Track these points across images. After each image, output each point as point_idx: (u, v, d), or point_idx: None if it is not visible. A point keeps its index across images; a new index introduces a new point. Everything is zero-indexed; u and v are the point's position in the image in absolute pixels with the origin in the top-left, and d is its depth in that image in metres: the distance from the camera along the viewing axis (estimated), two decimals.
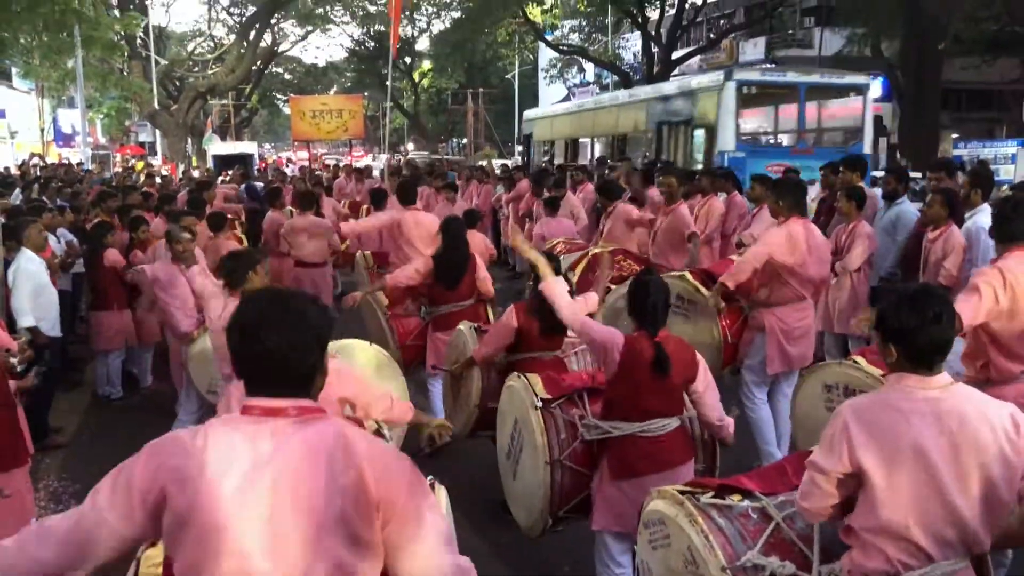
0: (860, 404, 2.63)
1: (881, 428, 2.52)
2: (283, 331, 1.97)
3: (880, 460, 2.50)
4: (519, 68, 48.57)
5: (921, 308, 2.56)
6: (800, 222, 5.66)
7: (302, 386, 2.02)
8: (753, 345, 5.82)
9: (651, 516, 3.17)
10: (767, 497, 3.01)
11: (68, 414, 7.62)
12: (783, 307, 5.68)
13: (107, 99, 33.38)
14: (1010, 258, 4.14)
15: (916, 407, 2.53)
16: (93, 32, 17.63)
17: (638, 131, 16.50)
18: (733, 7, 37.46)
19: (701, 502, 3.00)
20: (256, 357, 1.98)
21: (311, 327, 2.02)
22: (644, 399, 3.81)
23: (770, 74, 16.24)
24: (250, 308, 2.04)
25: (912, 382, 2.57)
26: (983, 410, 2.55)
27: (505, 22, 32.43)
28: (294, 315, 2.01)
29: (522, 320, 4.93)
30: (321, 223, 9.19)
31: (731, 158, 12.76)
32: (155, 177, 18.79)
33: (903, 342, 2.58)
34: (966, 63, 28.43)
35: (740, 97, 13.41)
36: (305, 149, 35.21)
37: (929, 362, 2.57)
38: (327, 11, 40.99)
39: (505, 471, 4.64)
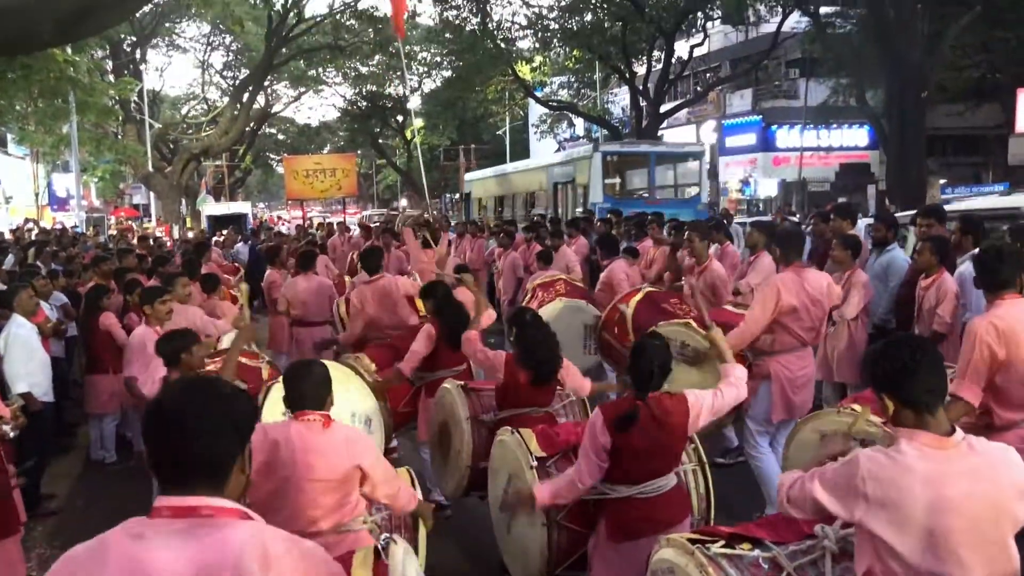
0: (878, 461, 2.55)
1: (899, 489, 2.48)
2: (202, 422, 1.87)
3: (892, 523, 2.47)
4: (510, 124, 49.12)
5: (898, 353, 2.58)
6: (798, 268, 5.71)
7: (217, 482, 1.89)
8: (757, 393, 5.76)
9: (660, 564, 3.11)
10: (778, 546, 2.97)
11: (61, 479, 7.53)
12: (786, 354, 5.69)
13: (101, 162, 33.64)
14: (1002, 306, 4.15)
15: (931, 467, 2.49)
16: (88, 98, 17.80)
17: (542, 190, 20.89)
18: (719, 60, 38.09)
19: (711, 551, 2.95)
20: (171, 445, 1.87)
21: (231, 421, 1.92)
22: (642, 461, 3.75)
23: (628, 146, 20.99)
24: (167, 396, 1.95)
25: (925, 440, 2.53)
26: (999, 467, 2.53)
27: (495, 80, 32.87)
28: (216, 406, 1.91)
29: (511, 371, 4.83)
30: (323, 283, 9.15)
31: (600, 207, 16.28)
32: (149, 239, 18.85)
33: (892, 389, 2.59)
34: (950, 110, 28.90)
35: (605, 164, 17.68)
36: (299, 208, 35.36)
37: (926, 405, 2.55)
38: (319, 73, 41.52)
39: (499, 525, 4.57)
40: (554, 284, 8.63)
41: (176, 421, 1.86)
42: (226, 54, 44.05)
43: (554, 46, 30.13)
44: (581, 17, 27.55)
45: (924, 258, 6.36)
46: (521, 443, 4.25)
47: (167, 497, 1.86)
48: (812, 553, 2.93)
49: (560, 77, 36.99)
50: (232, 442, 1.91)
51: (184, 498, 1.84)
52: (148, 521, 1.85)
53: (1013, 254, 4.36)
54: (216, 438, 1.88)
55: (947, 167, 32.72)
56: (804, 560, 2.91)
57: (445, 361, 6.06)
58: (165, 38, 40.80)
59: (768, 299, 5.55)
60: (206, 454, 1.87)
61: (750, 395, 5.76)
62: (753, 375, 5.80)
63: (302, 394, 3.50)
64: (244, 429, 1.96)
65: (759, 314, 5.55)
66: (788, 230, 6.59)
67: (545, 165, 21.33)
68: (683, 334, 5.98)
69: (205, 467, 1.87)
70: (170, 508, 1.84)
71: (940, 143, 31.19)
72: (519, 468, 4.19)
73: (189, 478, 1.86)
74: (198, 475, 1.86)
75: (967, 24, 21.73)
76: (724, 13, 27.58)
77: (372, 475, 3.45)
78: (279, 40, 31.34)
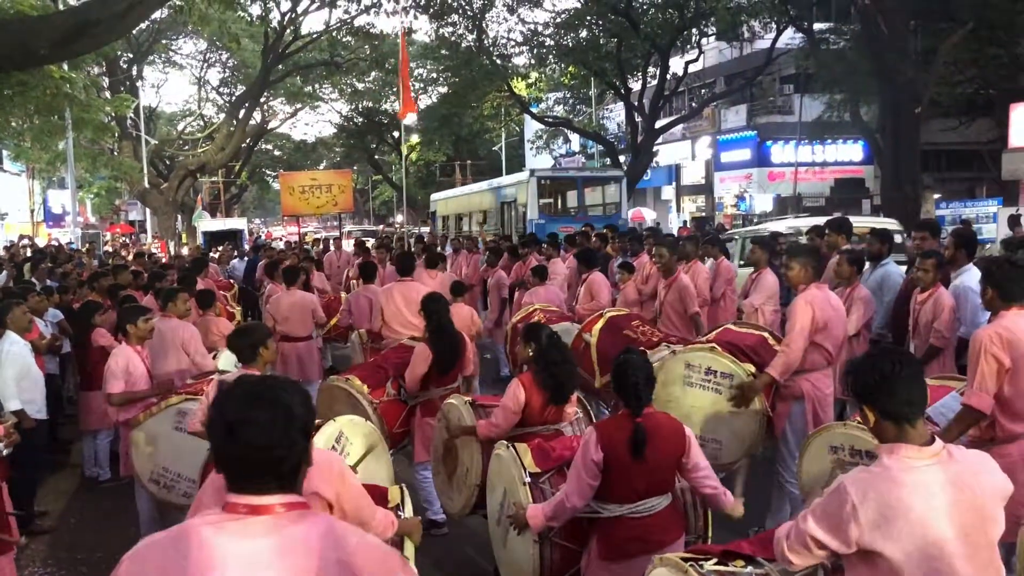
0: (863, 481, 2.54)
1: (889, 505, 2.48)
2: (268, 428, 1.89)
3: (892, 538, 2.47)
4: (506, 140, 49.24)
5: (878, 365, 2.60)
6: (820, 287, 5.71)
7: (289, 481, 1.93)
8: (792, 415, 5.69)
9: None
10: (770, 563, 2.96)
11: (55, 496, 7.50)
12: (815, 373, 5.67)
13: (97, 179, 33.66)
14: (1007, 317, 4.22)
15: (917, 479, 2.50)
16: (84, 114, 17.82)
17: (491, 208, 23.85)
18: (714, 76, 38.26)
19: (705, 570, 2.95)
20: (241, 455, 1.89)
21: (296, 420, 1.94)
22: (633, 481, 3.73)
23: (558, 172, 26.43)
24: (231, 403, 1.94)
25: (907, 452, 2.55)
26: (980, 474, 2.57)
27: (491, 96, 32.97)
28: (279, 409, 1.93)
29: (528, 391, 4.76)
30: (306, 297, 9.17)
31: (536, 223, 19.40)
32: (145, 256, 18.83)
33: (871, 401, 2.60)
34: (944, 125, 29.04)
35: (540, 186, 20.86)
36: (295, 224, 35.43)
37: (906, 416, 2.56)
38: (315, 89, 41.63)
39: (495, 537, 4.55)
40: (530, 317, 8.48)
41: (246, 433, 1.88)
42: (222, 71, 44.21)
43: (550, 62, 30.24)
44: (576, 34, 27.66)
45: (930, 275, 6.34)
46: (516, 459, 4.23)
47: (241, 495, 1.89)
48: (806, 569, 2.91)
49: (556, 93, 37.12)
50: (300, 445, 1.95)
51: (258, 496, 1.88)
52: (226, 516, 1.88)
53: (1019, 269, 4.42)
54: (287, 446, 1.91)
55: (941, 182, 32.84)
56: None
57: (437, 380, 6.04)
58: (161, 55, 40.91)
59: (803, 318, 5.49)
60: (278, 460, 1.90)
61: (783, 419, 5.71)
62: (783, 396, 5.73)
63: None
64: (309, 429, 2.01)
65: (799, 336, 5.49)
66: (808, 247, 6.52)
67: (494, 187, 24.33)
68: (709, 359, 5.78)
69: (278, 471, 1.91)
70: (246, 506, 1.88)
71: (934, 158, 31.31)
72: (513, 484, 4.18)
73: (263, 481, 1.90)
74: (271, 478, 1.90)
75: (959, 40, 21.87)
76: (719, 30, 27.70)
77: (337, 505, 3.05)
78: (275, 57, 31.46)
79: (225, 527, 1.85)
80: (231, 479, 1.93)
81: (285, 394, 1.97)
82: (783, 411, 5.72)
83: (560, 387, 4.79)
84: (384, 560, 1.98)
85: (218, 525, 1.86)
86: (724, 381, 5.68)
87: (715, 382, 5.72)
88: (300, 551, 1.84)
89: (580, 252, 10.41)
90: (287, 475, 1.93)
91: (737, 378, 5.63)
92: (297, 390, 2.03)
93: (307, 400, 2.03)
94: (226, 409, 1.93)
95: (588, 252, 10.37)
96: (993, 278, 4.42)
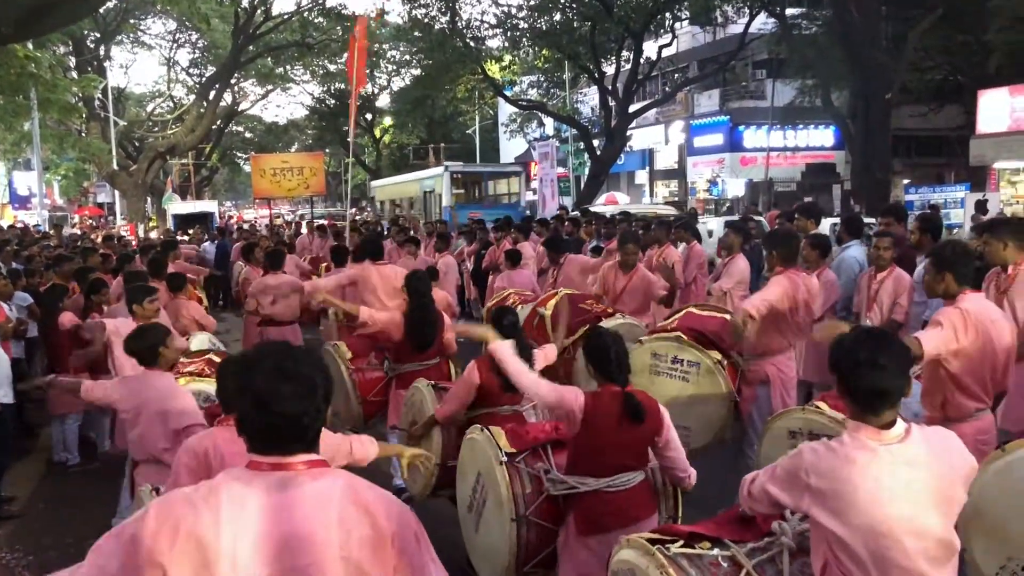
0: (819, 454, 2.63)
1: (838, 480, 2.55)
2: (296, 399, 2.00)
3: (835, 513, 2.54)
4: (480, 123, 49.06)
5: (856, 351, 2.60)
6: (796, 271, 5.76)
7: (310, 443, 2.06)
8: (758, 399, 5.77)
9: (620, 566, 3.14)
10: (736, 544, 3.00)
11: (23, 482, 7.41)
12: (779, 356, 5.75)
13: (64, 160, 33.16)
14: (967, 300, 4.25)
15: (870, 459, 2.55)
16: (50, 95, 17.52)
17: (416, 196, 28.40)
18: (687, 61, 38.32)
19: (671, 552, 2.98)
20: (270, 424, 2.00)
21: (319, 390, 2.06)
22: (610, 454, 3.79)
23: (468, 167, 29.44)
24: (260, 376, 2.03)
25: (866, 433, 2.59)
26: (940, 454, 2.60)
27: (464, 79, 32.82)
28: (305, 382, 2.04)
29: (484, 376, 4.86)
30: (292, 281, 9.11)
31: (449, 211, 22.15)
32: (114, 239, 18.61)
33: (843, 381, 2.63)
34: (914, 111, 29.34)
35: (452, 179, 25.04)
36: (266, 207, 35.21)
37: (872, 407, 2.58)
38: (287, 70, 41.20)
39: (467, 524, 4.58)
40: (505, 300, 8.51)
41: (273, 403, 1.99)
42: (192, 51, 43.63)
43: (523, 45, 30.15)
44: (550, 17, 27.59)
45: (888, 254, 6.44)
46: (491, 440, 4.26)
47: (265, 456, 2.01)
48: (770, 550, 2.97)
49: (529, 76, 36.98)
50: (320, 411, 2.07)
51: (282, 456, 2.01)
52: (251, 472, 2.00)
53: (970, 252, 4.47)
54: (309, 413, 2.03)
55: (911, 167, 33.19)
56: (763, 557, 2.95)
57: (415, 356, 6.15)
58: (130, 34, 40.21)
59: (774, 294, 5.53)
60: (302, 427, 2.02)
61: (749, 402, 5.78)
62: (749, 381, 5.81)
63: None
64: (329, 397, 2.11)
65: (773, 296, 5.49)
66: (784, 232, 6.56)
67: (419, 178, 29.04)
68: (675, 348, 5.87)
69: (302, 435, 2.04)
70: (270, 464, 2.00)
71: (904, 144, 31.61)
72: (489, 465, 4.20)
73: (287, 444, 2.02)
74: (295, 441, 2.03)
75: (929, 27, 22.08)
76: (692, 14, 27.76)
77: None
78: (246, 37, 31.06)
79: (254, 481, 1.97)
80: (256, 443, 2.04)
81: (309, 368, 2.08)
82: (749, 395, 5.82)
83: None
84: (400, 513, 2.09)
85: (246, 480, 1.98)
86: (691, 369, 5.79)
87: (682, 370, 5.84)
88: (323, 502, 1.96)
89: (548, 240, 10.40)
90: (309, 438, 2.06)
91: (703, 365, 5.74)
92: (316, 362, 2.13)
93: (326, 370, 2.14)
94: (255, 382, 2.03)
95: (556, 240, 10.36)
96: (948, 262, 4.38)
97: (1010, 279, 5.20)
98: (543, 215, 21.08)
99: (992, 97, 23.53)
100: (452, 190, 24.66)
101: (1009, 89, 23.02)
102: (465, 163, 32.57)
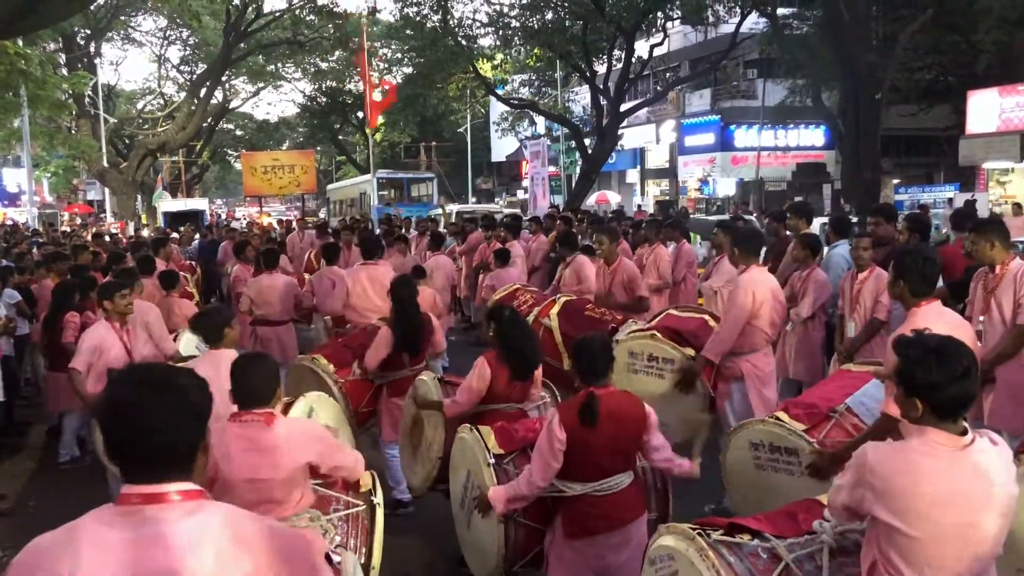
0: (883, 454, 2.60)
1: (900, 482, 2.53)
2: (161, 410, 1.85)
3: (895, 513, 2.52)
4: (471, 121, 49.05)
5: (950, 363, 2.53)
6: (758, 269, 5.81)
7: (183, 468, 1.89)
8: (734, 394, 5.82)
9: (659, 552, 3.14)
10: (776, 539, 3.00)
11: (12, 480, 7.40)
12: (755, 354, 5.80)
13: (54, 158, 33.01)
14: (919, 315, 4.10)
15: (936, 464, 2.52)
16: (40, 91, 17.44)
17: (356, 197, 34.79)
18: (678, 60, 38.38)
19: (712, 539, 2.99)
20: (132, 439, 1.85)
21: (191, 404, 1.91)
22: (596, 459, 3.77)
23: (392, 174, 35.86)
24: (124, 386, 1.92)
25: (935, 437, 2.55)
26: (1000, 466, 2.58)
27: (456, 78, 32.79)
28: (170, 392, 1.89)
29: (493, 368, 4.82)
30: (289, 281, 9.05)
31: (377, 209, 27.82)
32: (104, 236, 18.55)
33: (930, 397, 2.54)
34: (904, 111, 29.45)
35: (379, 183, 32.05)
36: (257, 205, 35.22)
37: (955, 416, 2.56)
38: (278, 68, 41.12)
39: (459, 520, 4.59)
40: (515, 294, 8.53)
41: (136, 417, 1.84)
42: (183, 48, 43.47)
43: (515, 44, 30.12)
44: (542, 15, 27.59)
45: (867, 254, 6.50)
46: (479, 440, 4.26)
47: (135, 485, 1.84)
48: (810, 547, 2.97)
49: (521, 75, 36.97)
50: (194, 430, 1.91)
51: (153, 486, 1.83)
52: (119, 509, 1.83)
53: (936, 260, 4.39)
54: (179, 430, 1.87)
55: (901, 167, 33.34)
56: (802, 553, 2.94)
57: (403, 363, 6.05)
58: (120, 31, 40.09)
59: (744, 301, 5.62)
60: (170, 446, 1.85)
61: (725, 398, 5.84)
62: (724, 377, 5.87)
63: (250, 389, 3.42)
64: (204, 414, 1.95)
65: (733, 320, 5.61)
66: (747, 231, 6.64)
67: (356, 183, 36.66)
68: (650, 347, 5.97)
69: (171, 457, 1.86)
70: (139, 495, 1.83)
71: (894, 143, 31.73)
72: (478, 466, 4.22)
73: (156, 468, 1.84)
74: (165, 465, 1.85)
75: (919, 27, 22.17)
76: (684, 13, 27.78)
77: (324, 464, 3.46)
78: (237, 35, 30.99)
79: (116, 522, 1.81)
80: (125, 469, 1.88)
81: (179, 379, 1.94)
82: (724, 391, 5.91)
83: (522, 362, 4.85)
84: (291, 548, 1.93)
85: (109, 520, 1.82)
86: (666, 366, 5.88)
87: (658, 368, 5.92)
88: (197, 540, 1.79)
89: (563, 236, 10.36)
90: (181, 461, 1.88)
91: (678, 362, 5.82)
92: (193, 377, 1.99)
93: (204, 387, 1.99)
94: (120, 391, 1.91)
95: (571, 236, 10.33)
96: (902, 269, 4.26)
97: (997, 279, 5.24)
98: (534, 213, 21.12)
99: (981, 97, 23.66)
100: (379, 192, 31.81)
101: (998, 89, 23.16)
102: (391, 171, 38.81)
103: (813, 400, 4.48)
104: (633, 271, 8.14)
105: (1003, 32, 22.19)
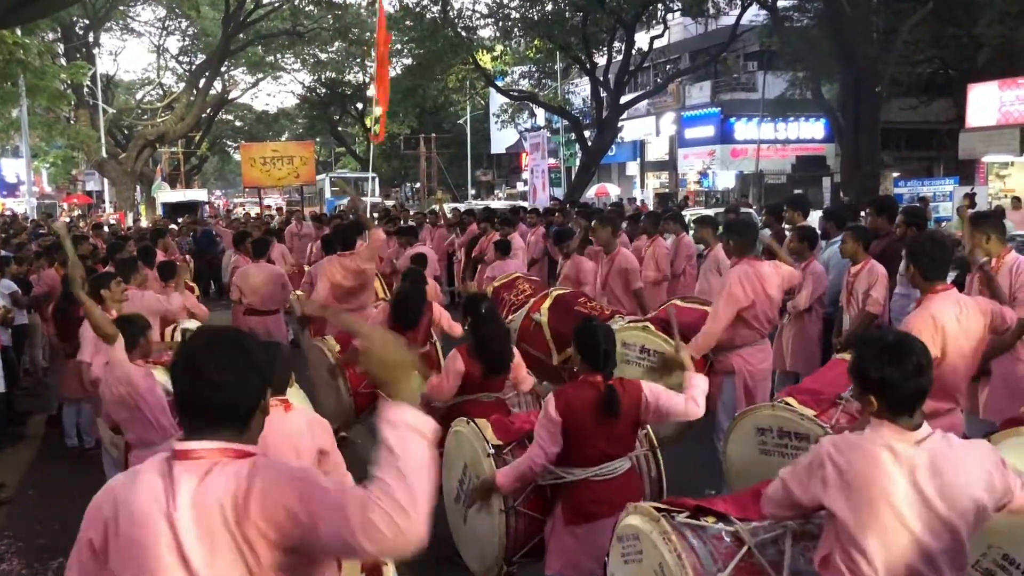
0: (840, 446, 2.63)
1: (855, 473, 2.55)
2: (227, 368, 1.95)
3: (849, 505, 2.55)
4: (471, 113, 48.94)
5: (902, 361, 2.58)
6: (751, 262, 5.80)
7: (241, 426, 1.98)
8: (724, 388, 5.81)
9: (626, 530, 3.18)
10: (741, 522, 3.02)
11: (12, 468, 7.43)
12: (747, 348, 5.76)
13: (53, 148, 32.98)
14: (935, 301, 4.21)
15: (891, 457, 2.55)
16: (38, 82, 17.44)
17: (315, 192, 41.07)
18: (679, 52, 38.31)
19: (676, 520, 3.01)
20: (198, 393, 1.95)
21: (255, 365, 2.00)
22: (595, 443, 3.81)
23: (345, 175, 44.71)
24: (196, 344, 2.03)
25: (890, 431, 2.59)
26: (960, 460, 2.58)
27: (455, 69, 32.73)
28: (239, 352, 1.99)
29: (466, 362, 4.87)
30: (275, 271, 9.09)
31: (329, 201, 36.04)
32: (103, 227, 18.53)
33: (883, 393, 2.60)
34: (904, 104, 29.42)
35: (330, 181, 40.61)
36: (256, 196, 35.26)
37: (910, 410, 2.60)
38: (277, 59, 41.03)
39: (454, 516, 4.61)
40: (515, 283, 8.54)
41: (203, 373, 1.94)
42: (182, 39, 43.32)
43: (515, 35, 30.07)
44: (542, 7, 27.52)
45: (847, 246, 6.51)
46: (478, 432, 4.28)
47: (192, 441, 1.95)
48: (773, 531, 2.99)
49: (521, 67, 36.89)
50: (257, 390, 2.01)
51: (207, 442, 1.93)
52: (173, 461, 1.94)
53: (946, 244, 4.45)
54: (243, 388, 1.97)
55: (900, 160, 33.29)
56: (765, 537, 2.97)
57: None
58: (119, 21, 39.91)
59: (731, 296, 5.59)
60: (232, 402, 1.96)
61: (715, 391, 5.80)
62: (716, 371, 5.82)
63: None
64: (267, 375, 2.07)
65: (723, 312, 5.56)
66: (741, 222, 6.61)
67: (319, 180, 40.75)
68: (642, 338, 5.96)
69: (230, 415, 1.97)
70: (194, 451, 1.93)
71: (894, 137, 31.71)
72: (476, 457, 4.23)
73: (214, 424, 1.95)
74: (223, 421, 1.96)
75: (920, 20, 22.13)
76: (684, 5, 27.73)
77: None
78: (236, 25, 30.92)
79: (173, 467, 1.92)
80: (188, 422, 1.99)
81: (249, 342, 2.05)
82: (715, 384, 5.85)
83: (492, 361, 4.89)
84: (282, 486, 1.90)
85: (163, 472, 1.93)
86: (656, 358, 5.86)
87: (649, 360, 5.91)
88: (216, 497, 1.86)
89: (558, 231, 10.34)
90: (242, 421, 1.99)
91: None
92: (260, 341, 2.12)
93: (269, 351, 2.13)
94: (192, 349, 2.02)
95: (566, 231, 10.34)
96: (914, 255, 4.36)
97: (993, 271, 5.26)
98: (534, 205, 21.13)
99: (981, 91, 23.63)
100: (331, 188, 39.23)
101: (999, 83, 23.13)
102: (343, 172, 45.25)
103: (816, 387, 4.51)
104: (632, 262, 8.13)
105: (1004, 26, 22.16)
